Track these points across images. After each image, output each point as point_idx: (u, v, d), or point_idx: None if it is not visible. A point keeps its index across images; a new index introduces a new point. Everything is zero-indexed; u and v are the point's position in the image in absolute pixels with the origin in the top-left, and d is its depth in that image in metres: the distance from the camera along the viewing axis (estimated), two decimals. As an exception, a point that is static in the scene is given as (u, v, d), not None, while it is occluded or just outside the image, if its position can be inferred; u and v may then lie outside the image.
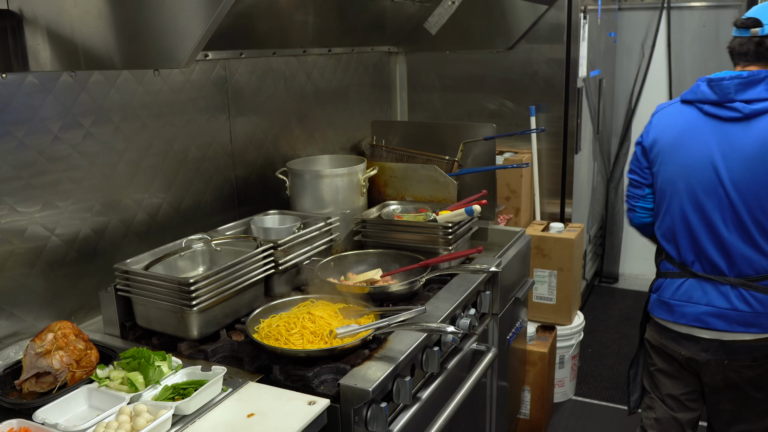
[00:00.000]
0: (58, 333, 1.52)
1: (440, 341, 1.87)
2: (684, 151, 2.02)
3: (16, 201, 1.70)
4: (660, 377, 2.22)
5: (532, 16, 3.32)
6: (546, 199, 3.57)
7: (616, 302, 4.74)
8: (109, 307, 1.81)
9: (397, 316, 1.70)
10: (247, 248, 1.94)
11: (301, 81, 2.74)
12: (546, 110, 3.43)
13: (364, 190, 2.47)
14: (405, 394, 1.61)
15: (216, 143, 2.33)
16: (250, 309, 1.83)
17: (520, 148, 3.54)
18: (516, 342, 2.68)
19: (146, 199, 2.08)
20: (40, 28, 1.46)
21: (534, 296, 3.27)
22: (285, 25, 2.49)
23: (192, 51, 1.30)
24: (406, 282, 1.99)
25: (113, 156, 1.95)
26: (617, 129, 4.89)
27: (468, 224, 2.38)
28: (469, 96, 3.57)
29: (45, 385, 1.47)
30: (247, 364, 1.66)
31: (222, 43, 2.26)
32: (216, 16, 1.25)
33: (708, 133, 1.98)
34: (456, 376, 1.97)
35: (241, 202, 2.47)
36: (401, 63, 3.60)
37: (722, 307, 2.00)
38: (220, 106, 2.33)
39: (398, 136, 2.91)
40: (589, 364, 3.84)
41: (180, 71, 2.15)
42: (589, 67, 3.66)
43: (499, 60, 3.47)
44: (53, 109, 1.76)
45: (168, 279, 1.71)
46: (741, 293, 1.98)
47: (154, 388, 1.45)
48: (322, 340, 1.67)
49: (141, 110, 2.03)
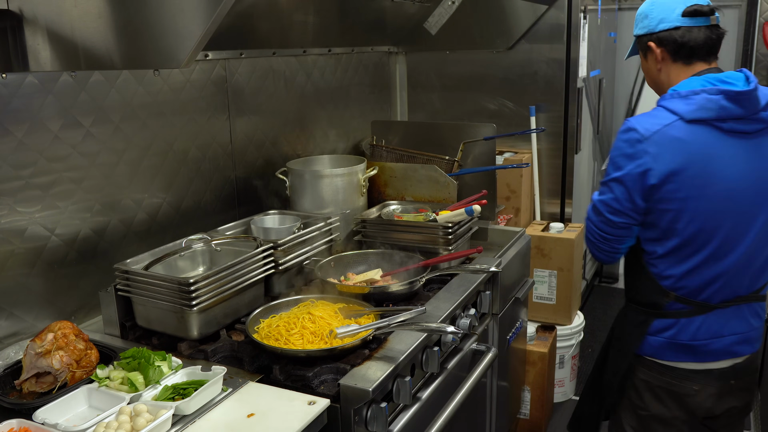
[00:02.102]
0: (58, 333, 1.52)
1: (440, 341, 1.87)
2: (718, 181, 1.68)
3: (16, 201, 1.70)
4: (655, 425, 1.92)
5: (532, 16, 3.32)
6: (546, 199, 3.57)
7: (616, 302, 4.74)
8: (109, 307, 1.81)
9: (397, 316, 1.70)
10: (247, 248, 1.94)
11: (301, 81, 2.74)
12: (546, 110, 3.43)
13: (364, 190, 2.47)
14: (405, 394, 1.61)
15: (216, 143, 2.33)
16: (250, 309, 1.83)
17: (520, 148, 3.54)
18: (516, 342, 2.68)
19: (146, 199, 2.08)
20: (40, 28, 1.46)
21: (534, 296, 3.27)
22: (285, 25, 2.49)
23: (192, 51, 1.30)
24: (406, 282, 1.99)
25: (113, 156, 1.95)
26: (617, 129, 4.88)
27: (468, 224, 2.38)
28: (469, 96, 3.57)
29: (45, 385, 1.47)
30: (247, 364, 1.66)
31: (222, 43, 2.25)
32: (216, 16, 1.25)
33: (735, 152, 1.69)
34: (456, 376, 1.97)
35: (241, 202, 2.47)
36: (401, 63, 3.60)
37: (743, 331, 1.83)
38: (220, 106, 2.33)
39: (398, 136, 2.91)
40: (589, 364, 3.84)
41: (180, 71, 2.15)
42: (589, 67, 3.66)
43: (499, 60, 3.47)
44: (53, 109, 1.76)
45: (168, 279, 1.71)
46: (754, 308, 1.85)
47: (154, 388, 1.45)
48: (322, 340, 1.67)
49: (141, 110, 2.03)
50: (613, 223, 1.80)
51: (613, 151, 1.78)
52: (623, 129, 1.76)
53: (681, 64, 1.79)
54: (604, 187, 1.81)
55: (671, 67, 1.81)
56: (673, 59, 1.80)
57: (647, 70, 1.90)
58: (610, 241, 1.84)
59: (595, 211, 1.84)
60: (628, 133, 1.74)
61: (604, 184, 1.81)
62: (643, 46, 1.86)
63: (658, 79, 1.87)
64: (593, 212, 1.85)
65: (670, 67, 1.81)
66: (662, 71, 1.83)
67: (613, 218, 1.79)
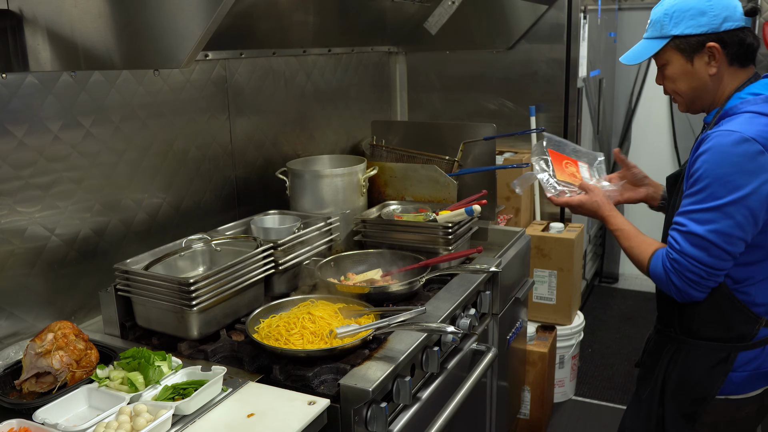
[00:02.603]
0: (58, 333, 1.52)
1: (440, 341, 1.87)
2: None
3: (16, 201, 1.70)
4: None
5: (532, 16, 3.32)
6: (546, 199, 3.56)
7: (616, 302, 4.74)
8: (109, 307, 1.80)
9: (397, 316, 1.70)
10: (247, 248, 1.94)
11: (301, 81, 2.74)
12: (546, 110, 3.43)
13: (364, 190, 2.47)
14: (405, 394, 1.61)
15: (216, 143, 2.33)
16: (250, 309, 1.83)
17: (520, 148, 3.54)
18: (516, 342, 2.68)
19: (146, 199, 2.08)
20: (40, 28, 1.46)
21: (534, 296, 3.27)
22: (285, 25, 2.49)
23: (192, 51, 1.30)
24: (406, 282, 1.99)
25: (113, 156, 1.95)
26: (617, 129, 4.89)
27: (468, 224, 2.38)
28: (469, 96, 3.57)
29: (45, 385, 1.47)
30: (247, 364, 1.66)
31: (222, 43, 2.25)
32: (216, 17, 1.25)
33: None
34: (456, 376, 1.97)
35: (241, 202, 2.47)
36: (401, 63, 3.60)
37: None
38: (220, 106, 2.33)
39: (398, 136, 2.91)
40: (589, 364, 3.84)
41: (180, 71, 2.15)
42: (589, 67, 3.66)
43: (499, 60, 3.47)
44: (53, 109, 1.76)
45: (168, 279, 1.70)
46: None
47: (154, 388, 1.45)
48: (322, 340, 1.67)
49: (141, 110, 2.03)
50: (731, 255, 1.57)
51: (721, 168, 1.53)
52: (734, 141, 1.52)
53: (737, 68, 1.66)
54: (713, 213, 1.55)
55: (726, 71, 1.66)
56: (729, 62, 1.65)
57: (690, 75, 1.69)
58: (716, 276, 1.60)
59: (701, 246, 1.57)
60: (745, 145, 1.51)
61: (710, 210, 1.55)
62: (692, 46, 1.65)
63: (705, 85, 1.68)
64: (696, 248, 1.57)
65: (725, 71, 1.66)
66: (716, 75, 1.66)
67: (733, 249, 1.56)
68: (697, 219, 1.58)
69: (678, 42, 1.66)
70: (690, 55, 1.66)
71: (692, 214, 1.58)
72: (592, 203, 1.92)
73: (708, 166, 1.55)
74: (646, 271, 1.72)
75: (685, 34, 1.64)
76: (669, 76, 1.73)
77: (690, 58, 1.66)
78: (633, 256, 1.78)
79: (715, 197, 1.54)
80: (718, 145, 1.53)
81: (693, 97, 1.72)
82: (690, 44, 1.65)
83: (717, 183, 1.53)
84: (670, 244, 1.64)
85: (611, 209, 1.89)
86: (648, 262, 1.71)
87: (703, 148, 1.57)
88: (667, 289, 1.66)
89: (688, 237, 1.58)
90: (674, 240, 1.62)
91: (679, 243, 1.60)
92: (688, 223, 1.59)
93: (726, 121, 1.60)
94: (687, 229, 1.59)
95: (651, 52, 1.70)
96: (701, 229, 1.56)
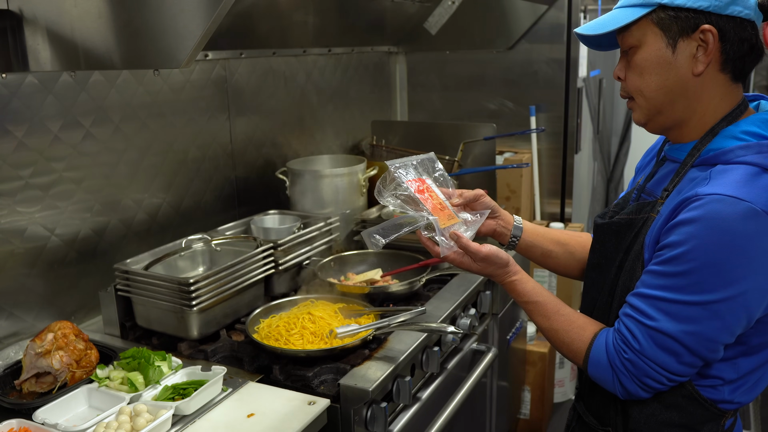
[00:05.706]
0: (58, 333, 1.52)
1: (440, 341, 1.87)
2: None
3: (16, 201, 1.70)
4: None
5: (532, 16, 3.31)
6: (546, 199, 3.57)
7: (616, 302, 4.73)
8: (109, 307, 1.81)
9: (397, 316, 1.70)
10: (247, 248, 1.94)
11: (301, 81, 2.74)
12: (546, 110, 3.43)
13: (364, 190, 2.47)
14: (405, 394, 1.61)
15: (216, 143, 2.33)
16: (250, 309, 1.83)
17: (520, 148, 3.54)
18: (516, 342, 2.68)
19: (146, 199, 2.08)
20: (40, 28, 1.46)
21: (534, 296, 3.26)
22: (285, 25, 2.49)
23: (192, 51, 1.30)
24: (406, 282, 1.99)
25: (113, 156, 1.95)
26: (617, 129, 4.88)
27: (468, 224, 2.37)
28: (469, 96, 3.56)
29: (45, 385, 1.47)
30: (247, 364, 1.66)
31: (222, 43, 2.25)
32: (216, 17, 1.25)
33: None
34: (456, 376, 1.97)
35: (241, 202, 2.47)
36: (401, 63, 3.60)
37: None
38: (220, 106, 2.33)
39: (398, 136, 2.91)
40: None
41: (180, 71, 2.15)
42: (589, 67, 3.66)
43: (499, 60, 3.47)
44: (53, 109, 1.76)
45: (168, 279, 1.71)
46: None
47: (154, 388, 1.45)
48: (322, 340, 1.67)
49: (141, 110, 2.03)
50: (707, 361, 1.16)
51: (718, 252, 1.07)
52: (741, 214, 1.06)
53: (727, 79, 1.18)
54: (695, 309, 1.10)
55: (714, 78, 1.17)
56: (722, 65, 1.16)
57: (666, 66, 1.17)
58: (680, 381, 1.19)
59: (671, 351, 1.14)
60: (755, 222, 1.06)
61: (692, 304, 1.10)
62: (680, 24, 1.14)
63: (684, 88, 1.18)
64: (664, 351, 1.14)
65: (713, 77, 1.17)
66: (700, 78, 1.17)
67: (712, 356, 1.15)
68: (670, 312, 1.12)
69: (663, 15, 1.15)
70: (674, 36, 1.15)
71: (663, 303, 1.13)
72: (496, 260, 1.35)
73: (698, 244, 1.08)
74: (583, 366, 1.26)
75: (675, 5, 1.13)
76: (636, 65, 1.19)
77: (673, 41, 1.15)
78: (559, 343, 1.29)
79: (702, 289, 1.09)
80: (717, 218, 1.07)
81: (661, 104, 1.20)
82: (678, 20, 1.14)
83: (708, 271, 1.08)
84: (624, 339, 1.18)
85: (516, 271, 1.35)
86: (585, 357, 1.24)
87: (689, 215, 1.09)
88: (611, 388, 1.23)
89: (654, 335, 1.14)
90: (630, 333, 1.17)
91: (638, 340, 1.16)
92: (656, 316, 1.13)
93: (717, 174, 1.12)
94: (653, 324, 1.14)
95: (621, 22, 1.17)
96: (675, 329, 1.12)
